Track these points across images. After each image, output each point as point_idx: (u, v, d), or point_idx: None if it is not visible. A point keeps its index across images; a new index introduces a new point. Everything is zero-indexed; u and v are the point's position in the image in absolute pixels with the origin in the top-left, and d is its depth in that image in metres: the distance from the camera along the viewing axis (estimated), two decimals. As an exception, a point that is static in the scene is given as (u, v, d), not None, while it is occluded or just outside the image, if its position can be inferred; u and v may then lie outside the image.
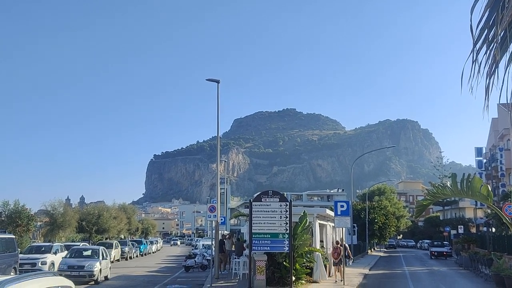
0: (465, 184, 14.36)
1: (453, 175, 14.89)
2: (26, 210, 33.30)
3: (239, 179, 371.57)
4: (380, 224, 55.38)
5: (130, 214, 61.56)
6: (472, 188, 14.23)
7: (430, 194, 16.71)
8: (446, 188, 15.36)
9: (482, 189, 14.52)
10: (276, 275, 19.06)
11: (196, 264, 28.96)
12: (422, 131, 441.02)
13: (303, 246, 19.91)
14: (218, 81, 24.29)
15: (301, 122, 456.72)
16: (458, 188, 14.48)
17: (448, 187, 15.30)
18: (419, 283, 23.65)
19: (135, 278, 25.07)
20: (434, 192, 16.22)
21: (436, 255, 48.62)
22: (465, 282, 24.33)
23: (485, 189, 14.73)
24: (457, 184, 14.51)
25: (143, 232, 78.25)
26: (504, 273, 20.22)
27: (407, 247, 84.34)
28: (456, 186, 14.55)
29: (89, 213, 45.76)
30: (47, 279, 4.80)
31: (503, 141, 54.93)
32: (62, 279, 5.37)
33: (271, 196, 19.42)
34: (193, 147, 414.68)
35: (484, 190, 14.56)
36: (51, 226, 39.82)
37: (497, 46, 4.12)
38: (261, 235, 18.90)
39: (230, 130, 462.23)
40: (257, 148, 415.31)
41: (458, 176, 14.85)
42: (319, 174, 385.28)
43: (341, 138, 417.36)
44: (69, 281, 5.45)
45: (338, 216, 20.92)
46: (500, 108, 58.21)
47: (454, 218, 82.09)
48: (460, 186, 14.50)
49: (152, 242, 60.92)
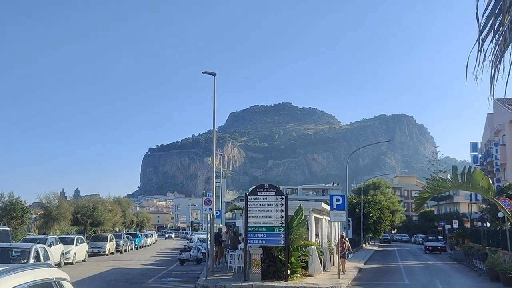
0: (466, 177, 14.12)
1: (454, 168, 14.73)
2: (20, 202, 33.11)
3: (234, 173, 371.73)
4: (375, 218, 55.48)
5: (125, 207, 61.38)
6: (472, 181, 13.99)
7: (430, 187, 16.47)
8: (446, 181, 15.14)
9: (483, 182, 14.26)
10: (272, 269, 19.03)
11: (191, 257, 28.90)
12: (417, 126, 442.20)
13: (298, 240, 19.87)
14: (214, 74, 24.12)
15: (296, 117, 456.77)
16: (459, 181, 14.26)
17: (448, 180, 15.11)
18: (413, 277, 23.69)
19: (130, 271, 24.98)
20: (434, 185, 15.99)
21: (431, 250, 48.74)
22: (460, 277, 24.37)
23: (486, 182, 14.45)
24: (458, 177, 14.32)
25: (138, 225, 78.12)
26: (499, 268, 20.25)
27: (402, 241, 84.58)
28: (456, 179, 14.34)
29: (84, 206, 45.56)
30: (41, 271, 4.69)
31: (498, 136, 55.05)
32: (56, 270, 5.26)
33: (266, 189, 19.36)
34: (188, 141, 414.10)
35: (485, 183, 14.29)
36: (46, 219, 39.62)
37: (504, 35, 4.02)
38: (256, 228, 18.87)
39: (226, 123, 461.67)
40: (252, 142, 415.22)
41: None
42: (314, 168, 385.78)
43: (336, 133, 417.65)
44: (63, 272, 5.34)
45: (333, 210, 20.85)
46: (495, 103, 58.30)
47: (448, 213, 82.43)
48: (461, 179, 14.25)
49: (147, 235, 60.88)
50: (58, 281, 4.80)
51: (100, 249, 37.43)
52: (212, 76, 24.11)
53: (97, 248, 37.33)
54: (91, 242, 37.98)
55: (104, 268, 26.32)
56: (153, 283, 19.83)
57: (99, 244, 37.98)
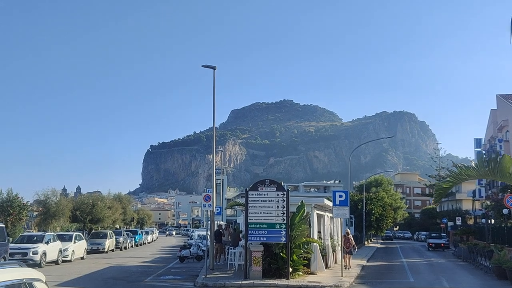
0: (493, 164, 12.91)
1: (479, 154, 13.89)
2: (18, 198, 32.62)
3: (235, 170, 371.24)
4: (377, 215, 55.05)
5: (126, 204, 60.94)
6: (501, 168, 12.77)
7: (452, 175, 15.05)
8: (470, 169, 13.96)
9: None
10: (273, 266, 18.55)
11: (191, 254, 28.49)
12: (419, 123, 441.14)
13: (300, 237, 19.39)
14: (214, 68, 23.70)
15: (298, 114, 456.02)
16: (485, 168, 13.05)
17: (473, 168, 13.96)
18: (418, 275, 23.16)
19: (129, 268, 24.54)
20: (457, 174, 14.66)
21: (434, 247, 48.31)
22: (465, 274, 23.84)
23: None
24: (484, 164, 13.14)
25: (139, 223, 77.77)
26: (506, 265, 19.72)
27: (404, 238, 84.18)
28: (482, 166, 13.15)
29: (83, 203, 45.07)
30: (9, 271, 4.16)
31: (501, 133, 54.45)
32: (29, 270, 4.72)
33: (268, 185, 18.88)
34: (190, 138, 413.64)
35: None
36: (44, 216, 39.22)
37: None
38: (257, 225, 18.40)
39: (227, 121, 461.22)
40: (253, 139, 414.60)
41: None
42: (316, 165, 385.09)
43: (338, 130, 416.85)
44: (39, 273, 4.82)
45: (336, 206, 20.34)
46: (499, 99, 57.76)
47: (450, 210, 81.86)
48: (488, 166, 13.08)
49: (148, 232, 60.52)
50: (29, 283, 4.26)
51: (100, 246, 37.05)
52: (212, 70, 23.71)
53: (96, 245, 36.94)
54: (90, 239, 37.60)
55: (102, 266, 25.88)
56: (152, 281, 19.36)
57: (99, 241, 37.57)
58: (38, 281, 4.52)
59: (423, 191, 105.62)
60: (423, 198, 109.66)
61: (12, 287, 3.99)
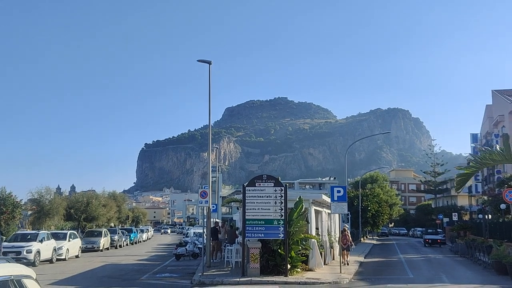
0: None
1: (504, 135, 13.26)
2: (11, 197, 32.18)
3: (230, 167, 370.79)
4: (373, 211, 54.97)
5: (120, 202, 60.55)
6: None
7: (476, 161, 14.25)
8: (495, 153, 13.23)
9: None
10: (271, 263, 18.28)
11: (187, 252, 28.13)
12: (413, 120, 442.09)
13: (298, 233, 19.13)
14: (210, 62, 23.38)
15: (292, 111, 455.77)
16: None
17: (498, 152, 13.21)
18: (417, 270, 22.95)
19: (124, 267, 24.22)
20: (480, 158, 13.92)
21: (430, 243, 48.24)
22: (464, 270, 23.67)
23: None
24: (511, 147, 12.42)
25: (134, 221, 77.35)
26: (506, 260, 19.53)
27: (399, 235, 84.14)
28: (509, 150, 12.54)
29: (78, 201, 44.59)
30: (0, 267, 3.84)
31: (497, 128, 54.41)
32: (18, 267, 4.40)
33: (265, 180, 18.60)
34: (184, 136, 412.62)
35: None
36: (38, 214, 38.80)
37: None
38: (255, 221, 18.12)
39: (222, 119, 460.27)
40: (248, 137, 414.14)
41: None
42: (311, 162, 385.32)
43: (332, 127, 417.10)
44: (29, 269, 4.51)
45: (334, 202, 20.10)
46: (494, 94, 57.75)
47: (446, 206, 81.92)
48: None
49: (143, 230, 60.12)
50: (18, 280, 3.95)
51: (94, 244, 36.67)
52: (207, 64, 23.40)
53: (91, 243, 36.56)
54: (85, 238, 37.19)
55: (97, 264, 25.54)
56: (147, 279, 19.05)
57: (93, 239, 37.20)
58: (27, 277, 4.22)
59: (418, 187, 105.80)
60: (418, 195, 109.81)
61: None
